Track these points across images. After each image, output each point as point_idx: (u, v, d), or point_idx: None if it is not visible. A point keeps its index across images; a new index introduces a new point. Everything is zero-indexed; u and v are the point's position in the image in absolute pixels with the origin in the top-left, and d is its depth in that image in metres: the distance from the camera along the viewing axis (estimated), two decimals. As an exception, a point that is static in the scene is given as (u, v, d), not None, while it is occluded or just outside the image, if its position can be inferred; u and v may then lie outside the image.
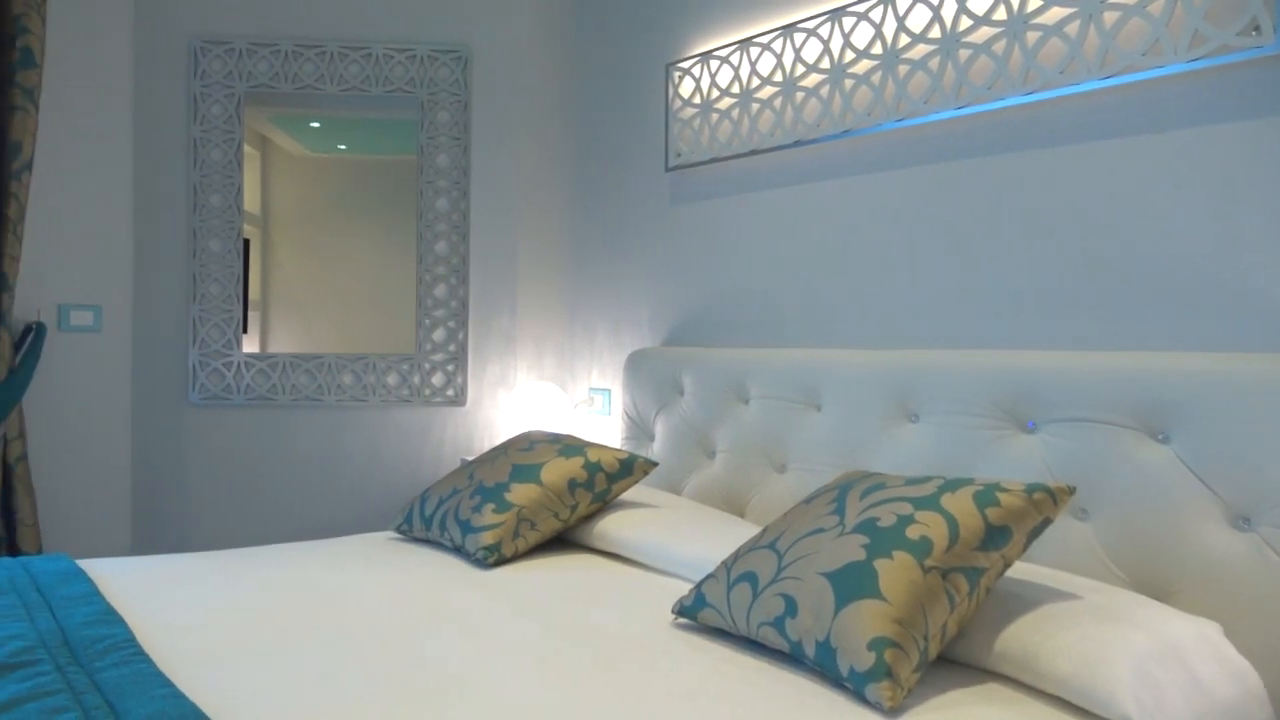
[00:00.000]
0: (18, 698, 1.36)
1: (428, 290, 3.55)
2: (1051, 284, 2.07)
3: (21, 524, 3.07)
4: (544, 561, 2.33)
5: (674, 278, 3.13)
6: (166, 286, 3.45)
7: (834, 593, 1.53)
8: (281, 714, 1.38)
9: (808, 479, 2.44)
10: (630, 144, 3.32)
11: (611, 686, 1.50)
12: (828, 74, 2.53)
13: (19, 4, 2.98)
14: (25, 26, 2.98)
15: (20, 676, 1.45)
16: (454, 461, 3.57)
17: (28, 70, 2.99)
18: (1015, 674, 1.51)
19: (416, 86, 3.51)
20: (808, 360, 2.50)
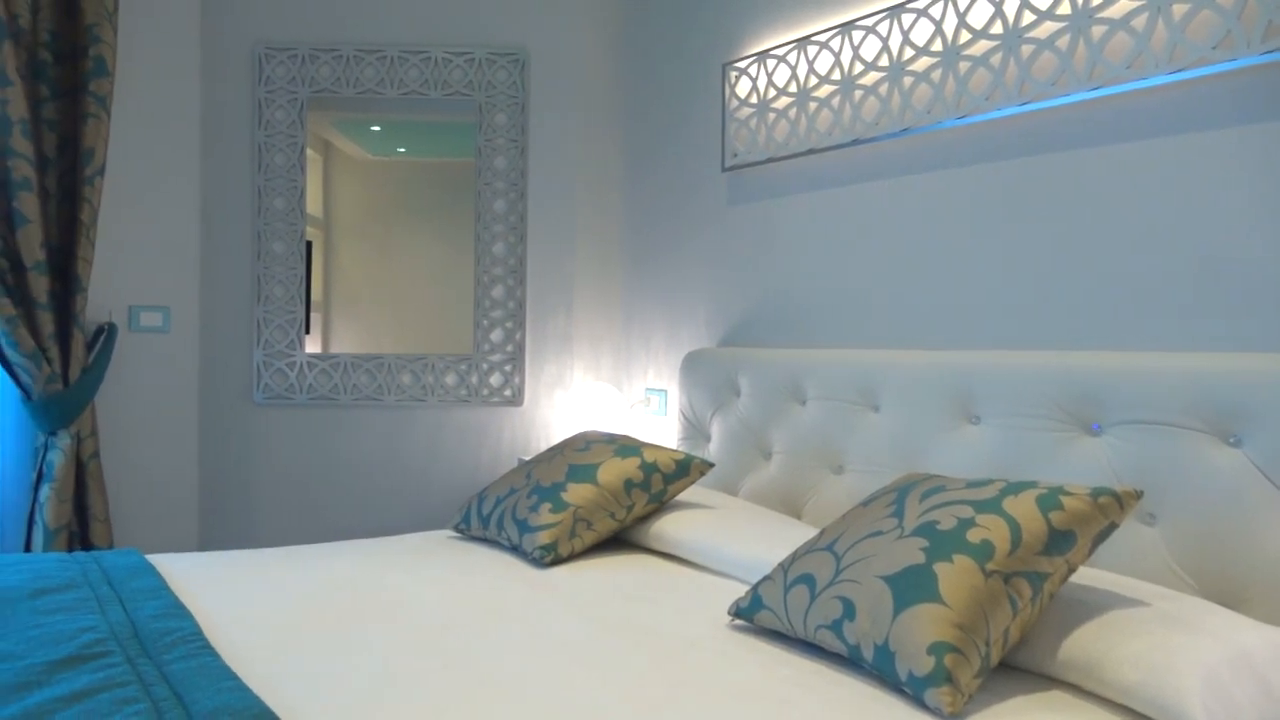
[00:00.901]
0: (91, 688, 1.39)
1: (485, 291, 3.58)
2: (1117, 283, 2.03)
3: (94, 519, 3.15)
4: (600, 561, 2.34)
5: (730, 278, 3.12)
6: (232, 288, 3.53)
7: (893, 596, 1.52)
8: (343, 708, 1.40)
9: (866, 481, 2.42)
10: (686, 144, 3.32)
11: (667, 687, 1.50)
12: (886, 71, 2.50)
13: (91, 14, 3.07)
14: (98, 36, 3.07)
15: (93, 667, 1.49)
16: (511, 461, 3.60)
17: (100, 78, 3.08)
18: (1080, 682, 1.48)
19: (474, 90, 3.54)
20: (866, 361, 2.47)
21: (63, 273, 3.10)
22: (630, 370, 3.64)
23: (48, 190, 3.07)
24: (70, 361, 3.09)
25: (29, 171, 2.93)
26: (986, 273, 2.30)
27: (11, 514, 3.16)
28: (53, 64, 3.07)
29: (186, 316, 3.51)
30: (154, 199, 3.43)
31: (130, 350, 3.39)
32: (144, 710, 1.32)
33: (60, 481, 3.03)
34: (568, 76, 3.60)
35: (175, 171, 3.47)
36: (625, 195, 3.65)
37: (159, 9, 3.41)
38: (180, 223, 3.48)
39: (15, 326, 2.92)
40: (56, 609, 1.79)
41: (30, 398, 3.04)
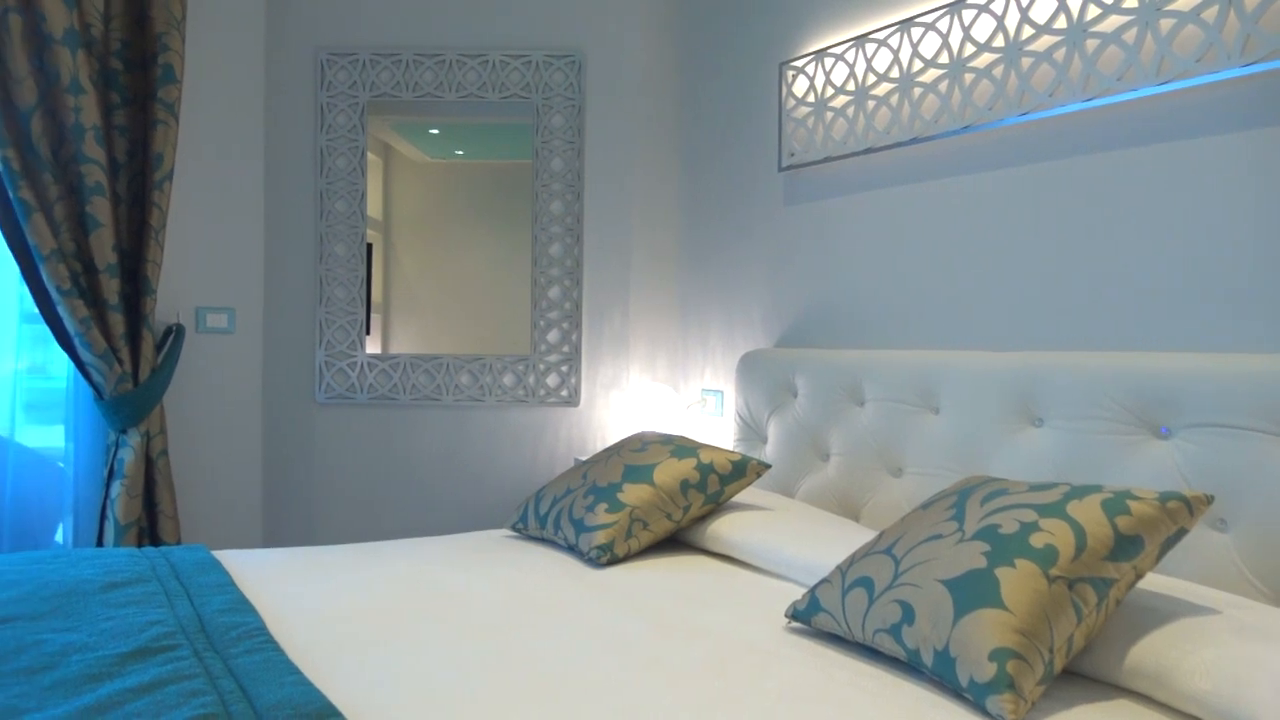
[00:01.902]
0: (159, 680, 1.43)
1: (542, 292, 3.61)
2: (1185, 282, 1.98)
3: (162, 515, 3.23)
4: (656, 562, 2.34)
5: (787, 278, 3.10)
6: (295, 290, 3.60)
7: (953, 601, 1.49)
8: (402, 704, 1.42)
9: (925, 483, 2.39)
10: (743, 144, 3.30)
11: (724, 689, 1.49)
12: (947, 68, 2.47)
13: (161, 23, 3.14)
14: (167, 44, 3.15)
15: (161, 660, 1.52)
16: (567, 461, 3.62)
17: (169, 85, 3.16)
18: (1148, 691, 1.45)
19: (531, 91, 3.56)
20: (925, 362, 2.44)
21: (133, 275, 3.18)
22: (686, 371, 3.63)
23: (118, 195, 3.15)
24: (140, 361, 3.17)
25: (101, 177, 3.01)
26: (1049, 271, 2.25)
27: (85, 509, 3.25)
28: (123, 72, 3.16)
29: (251, 317, 3.58)
30: (220, 203, 3.51)
31: (197, 350, 3.48)
32: (211, 702, 1.35)
33: (130, 478, 3.11)
34: (624, 77, 3.61)
35: (240, 176, 3.55)
36: (681, 196, 3.65)
37: (225, 17, 3.49)
38: (245, 226, 3.56)
39: (88, 328, 3.01)
40: (127, 602, 1.83)
41: (102, 397, 3.12)
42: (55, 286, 2.94)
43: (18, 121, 2.88)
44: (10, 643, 1.59)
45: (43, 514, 3.21)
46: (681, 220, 3.65)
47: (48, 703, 1.35)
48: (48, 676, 1.45)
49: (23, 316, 3.11)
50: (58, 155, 2.98)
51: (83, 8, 2.98)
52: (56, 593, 1.87)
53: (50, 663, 1.51)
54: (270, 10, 3.57)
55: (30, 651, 1.55)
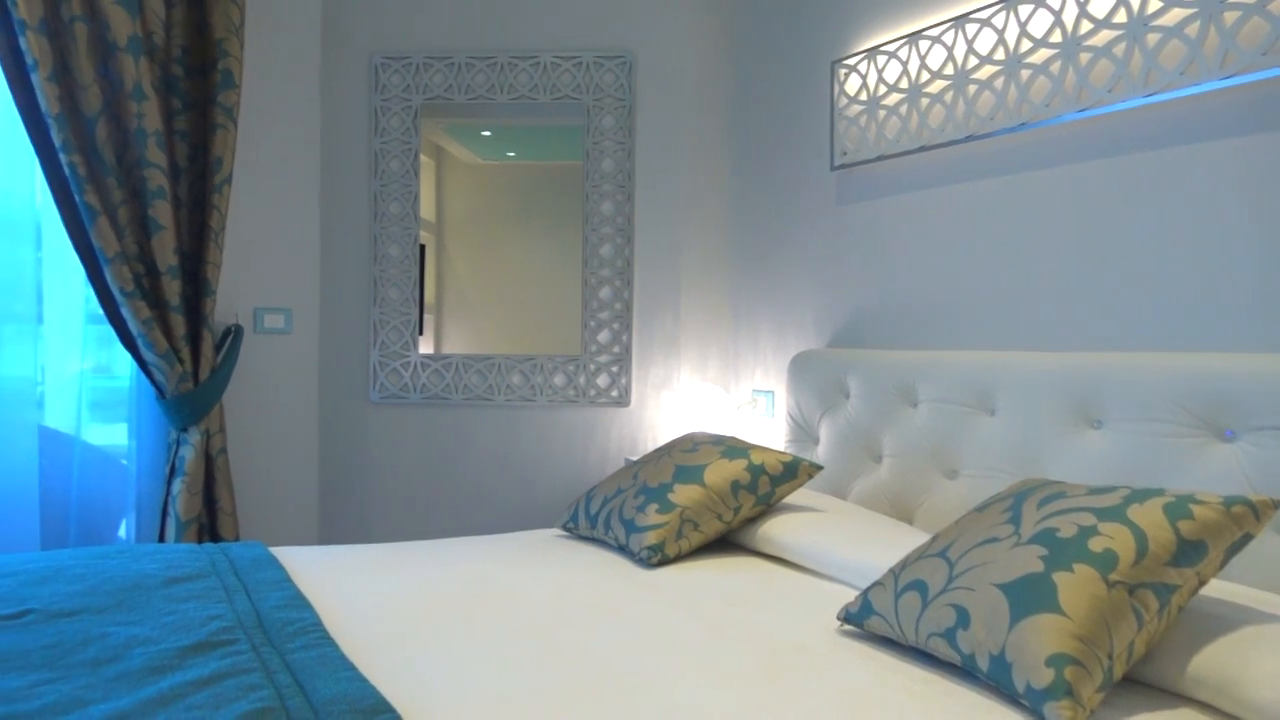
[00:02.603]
0: (219, 673, 1.46)
1: (593, 292, 3.62)
2: (1251, 281, 1.93)
3: (221, 512, 3.30)
4: (707, 563, 2.33)
5: (839, 278, 3.07)
6: (350, 290, 3.65)
7: (1009, 605, 1.47)
8: (453, 701, 1.43)
9: (980, 486, 2.35)
10: (794, 143, 3.28)
11: (776, 691, 1.49)
12: (1002, 65, 2.43)
13: (220, 29, 3.21)
14: (226, 50, 3.21)
15: (221, 654, 1.56)
16: (618, 461, 3.62)
17: (228, 90, 3.22)
18: (1211, 700, 1.41)
19: (582, 93, 3.58)
20: (981, 363, 2.41)
21: (193, 276, 3.25)
22: (737, 371, 3.62)
23: (179, 198, 3.22)
24: (200, 361, 3.24)
25: (163, 181, 3.08)
26: (1108, 271, 2.21)
27: (147, 506, 3.32)
28: (184, 78, 3.22)
29: (307, 318, 3.64)
30: (277, 205, 3.57)
31: (255, 350, 3.54)
32: (268, 696, 1.37)
33: (191, 476, 3.18)
34: (674, 78, 3.61)
35: (297, 178, 3.61)
36: (732, 196, 3.64)
37: (283, 23, 3.55)
38: (302, 228, 3.62)
39: (151, 328, 3.07)
40: (188, 597, 1.87)
41: (164, 396, 3.19)
42: (119, 288, 3.01)
43: (83, 127, 2.95)
44: (77, 635, 1.63)
45: (107, 510, 3.29)
46: (732, 220, 3.64)
47: (112, 694, 1.39)
48: (112, 668, 1.49)
49: (88, 318, 3.19)
50: (121, 160, 3.05)
51: (145, 15, 3.05)
52: (120, 587, 1.92)
53: (115, 655, 1.55)
54: (326, 15, 3.62)
55: (96, 644, 1.59)
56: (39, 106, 2.87)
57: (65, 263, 3.10)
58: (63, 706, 1.34)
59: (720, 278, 3.68)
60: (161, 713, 1.31)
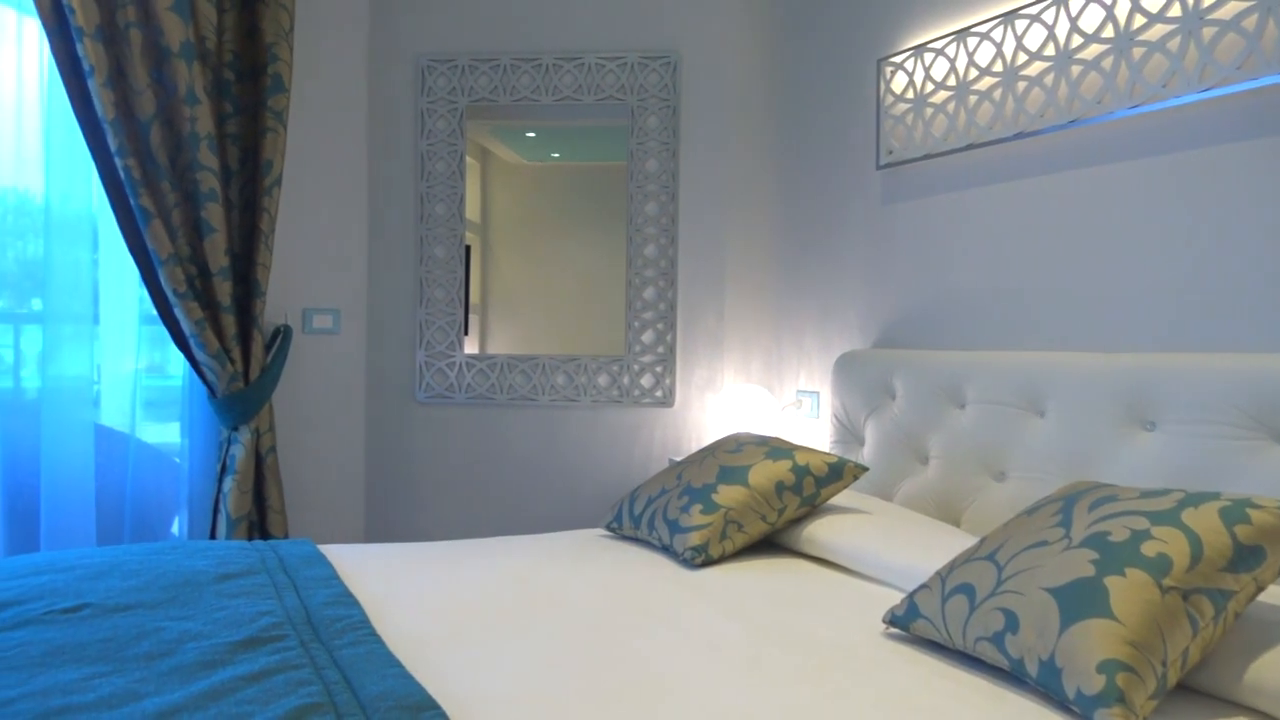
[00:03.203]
0: (269, 669, 1.48)
1: (637, 293, 3.62)
2: (1313, 280, 1.88)
3: (271, 510, 3.34)
4: (751, 564, 2.32)
5: (885, 278, 3.05)
6: (396, 291, 3.68)
7: (1059, 610, 1.45)
8: (498, 699, 1.44)
9: (1029, 488, 2.32)
10: (840, 142, 3.26)
11: (821, 694, 1.48)
12: (1053, 61, 2.40)
13: (270, 34, 3.26)
14: (276, 55, 3.26)
15: (270, 650, 1.58)
16: (662, 461, 3.62)
17: (278, 94, 3.27)
18: (1270, 709, 1.38)
19: (627, 93, 3.58)
20: (1030, 363, 2.37)
21: (244, 278, 3.30)
22: (781, 372, 3.60)
23: (231, 201, 3.27)
24: (250, 361, 3.29)
25: (214, 183, 3.13)
26: (1160, 270, 2.17)
27: (199, 503, 3.38)
28: (235, 82, 3.28)
29: (355, 318, 3.68)
30: (326, 207, 3.62)
31: (303, 350, 3.59)
32: (316, 692, 1.39)
33: (241, 474, 3.23)
34: (719, 77, 3.60)
35: (345, 181, 3.65)
36: (776, 195, 3.62)
37: (331, 28, 3.60)
38: (350, 229, 3.66)
39: (203, 329, 3.13)
40: (239, 593, 1.90)
41: (215, 395, 3.24)
42: (172, 289, 3.07)
43: (138, 132, 3.01)
44: (132, 629, 1.67)
45: (160, 507, 3.36)
46: (777, 220, 3.63)
47: (165, 687, 1.41)
48: (165, 662, 1.52)
49: (142, 318, 3.26)
50: (175, 163, 3.10)
51: (198, 21, 3.11)
52: (174, 583, 1.96)
53: (168, 649, 1.58)
54: (374, 19, 3.66)
55: (150, 638, 1.62)
56: (95, 112, 2.93)
57: (120, 264, 3.16)
58: (118, 699, 1.37)
59: (764, 278, 3.66)
60: (213, 706, 1.33)
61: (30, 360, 3.06)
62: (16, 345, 3.04)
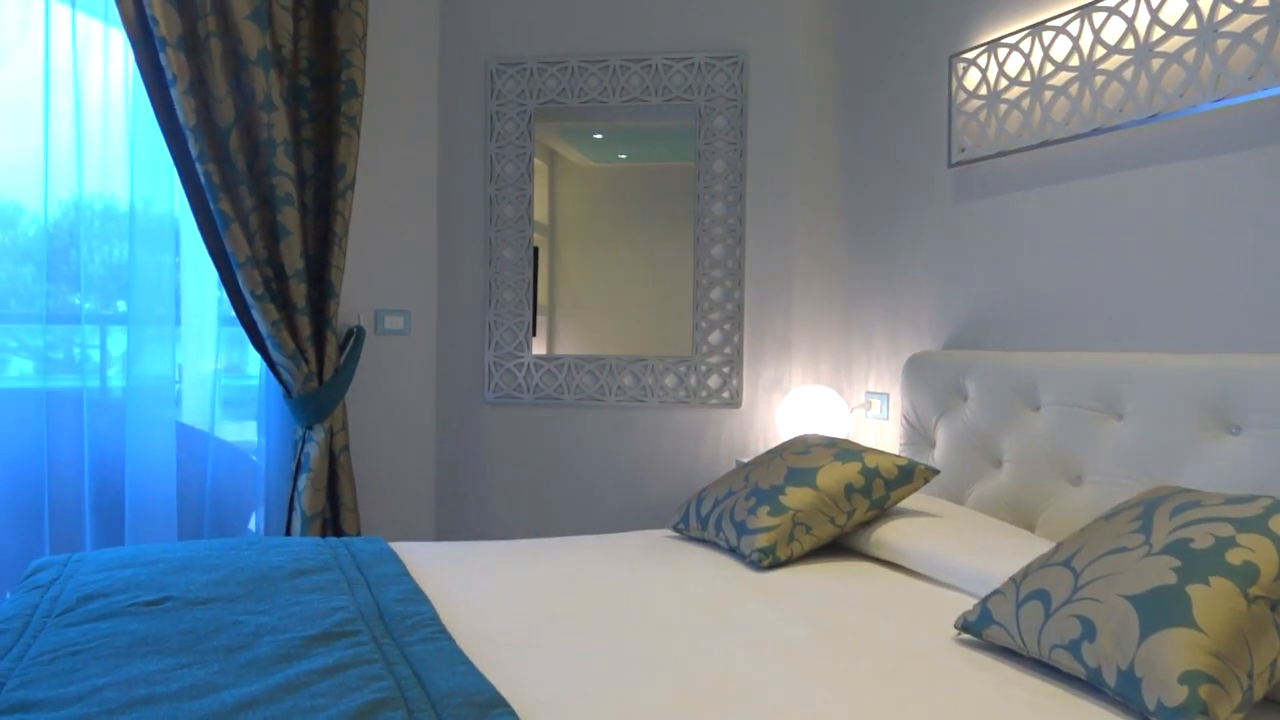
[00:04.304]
0: (342, 663, 1.51)
1: (704, 293, 3.61)
2: None
3: (344, 508, 3.41)
4: (819, 567, 2.30)
5: (957, 278, 3.00)
6: (466, 292, 3.73)
7: (1139, 618, 1.41)
8: (566, 699, 1.45)
9: (1107, 493, 2.26)
10: (910, 141, 3.22)
11: (893, 700, 1.46)
12: (1131, 54, 2.33)
13: (344, 41, 3.32)
14: (349, 61, 3.32)
15: (343, 644, 1.61)
16: (729, 463, 3.61)
17: (351, 100, 3.33)
18: (1363, 724, 1.33)
19: (694, 94, 3.58)
20: (1107, 364, 2.31)
21: (318, 280, 3.37)
22: (850, 373, 3.57)
23: (306, 205, 3.34)
24: (324, 362, 3.36)
25: (290, 188, 3.20)
26: (1246, 269, 2.10)
27: (275, 500, 3.46)
28: (310, 88, 3.35)
29: (425, 319, 3.74)
30: (398, 210, 3.68)
31: (376, 351, 3.65)
32: (388, 687, 1.41)
33: (315, 472, 3.30)
34: (786, 77, 3.57)
35: (416, 184, 3.71)
36: (845, 195, 3.59)
37: (403, 33, 3.66)
38: (420, 232, 3.72)
39: (279, 330, 3.20)
40: (313, 589, 1.95)
41: (291, 395, 3.32)
42: (250, 291, 3.14)
43: (218, 138, 3.09)
44: (211, 622, 1.71)
45: (238, 504, 3.45)
46: (845, 219, 3.59)
47: (243, 680, 1.45)
48: (243, 655, 1.56)
49: (221, 319, 3.35)
50: (252, 169, 3.18)
51: (275, 29, 3.18)
52: (251, 577, 2.01)
53: (245, 642, 1.62)
54: (444, 25, 3.71)
55: (228, 631, 1.67)
56: (178, 119, 3.02)
57: (201, 267, 3.26)
58: (198, 690, 1.41)
59: (833, 278, 3.63)
60: (288, 699, 1.36)
61: (116, 360, 3.17)
62: (103, 346, 3.15)
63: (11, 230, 3.03)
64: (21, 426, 3.02)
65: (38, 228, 3.01)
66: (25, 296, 3.04)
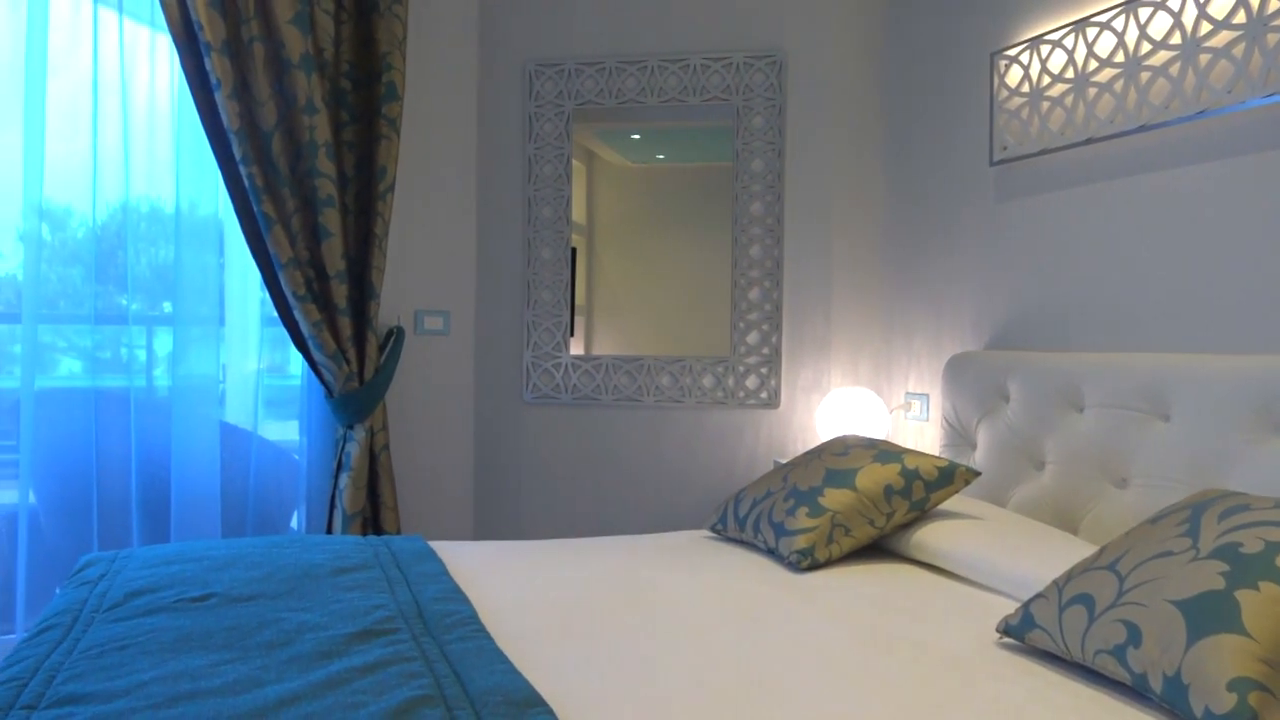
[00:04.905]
0: (382, 660, 1.52)
1: (742, 293, 3.60)
2: None
3: (384, 507, 3.44)
4: (858, 569, 2.29)
5: (998, 278, 2.96)
6: (504, 293, 3.75)
7: (1186, 624, 1.38)
8: (604, 699, 1.45)
9: (1153, 496, 2.22)
10: (951, 139, 3.19)
11: (932, 704, 1.44)
12: (1179, 50, 2.30)
13: (385, 44, 3.35)
14: (390, 64, 3.35)
15: (383, 642, 1.62)
16: (767, 463, 3.60)
17: (391, 102, 3.36)
18: None
19: (732, 94, 3.57)
20: (1154, 365, 2.28)
21: (359, 280, 3.40)
22: (890, 374, 3.54)
23: (347, 206, 3.37)
24: (365, 362, 3.39)
25: (332, 190, 3.23)
26: (1300, 268, 2.05)
27: (316, 499, 3.50)
28: (351, 91, 3.38)
29: (464, 320, 3.76)
30: (437, 211, 3.71)
31: (415, 351, 3.68)
32: (427, 685, 1.42)
33: (356, 471, 3.33)
34: (825, 76, 3.55)
35: (455, 185, 3.74)
36: (885, 194, 3.56)
37: (442, 36, 3.68)
38: (460, 233, 3.74)
39: (320, 330, 3.24)
40: (354, 586, 1.96)
41: (332, 394, 3.35)
42: (292, 292, 3.18)
43: (261, 141, 3.13)
44: (254, 619, 1.73)
45: (280, 502, 3.49)
46: (885, 219, 3.56)
47: (285, 676, 1.47)
48: (285, 651, 1.58)
49: (264, 320, 3.39)
50: (295, 171, 3.22)
51: (316, 33, 3.22)
52: (293, 575, 2.03)
53: (287, 639, 1.64)
54: (483, 27, 3.74)
55: (271, 628, 1.69)
56: (222, 122, 3.06)
57: (244, 268, 3.30)
58: (241, 686, 1.42)
59: (872, 278, 3.60)
60: (330, 695, 1.38)
61: (161, 360, 3.22)
62: (149, 346, 3.20)
63: (61, 232, 3.09)
64: (71, 426, 3.08)
65: (86, 230, 3.07)
66: (74, 297, 3.10)
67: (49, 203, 3.02)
